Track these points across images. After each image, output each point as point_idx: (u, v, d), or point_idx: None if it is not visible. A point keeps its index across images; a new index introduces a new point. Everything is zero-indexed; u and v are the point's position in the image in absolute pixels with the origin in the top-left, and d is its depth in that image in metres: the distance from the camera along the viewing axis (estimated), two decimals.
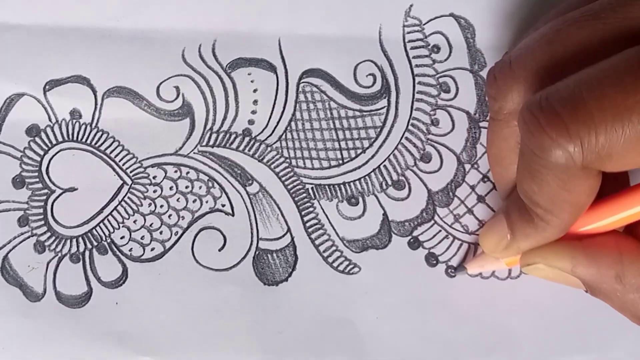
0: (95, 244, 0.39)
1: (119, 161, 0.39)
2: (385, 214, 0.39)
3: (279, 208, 0.39)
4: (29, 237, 0.38)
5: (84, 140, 0.39)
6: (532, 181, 0.30)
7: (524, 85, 0.32)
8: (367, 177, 0.39)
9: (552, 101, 0.28)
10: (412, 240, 0.39)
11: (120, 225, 0.39)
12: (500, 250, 0.35)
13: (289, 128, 0.40)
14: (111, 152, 0.39)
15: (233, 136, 0.39)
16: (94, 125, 0.39)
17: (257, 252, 0.39)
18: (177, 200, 0.39)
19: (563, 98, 0.28)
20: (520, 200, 0.33)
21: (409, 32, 0.40)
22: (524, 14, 0.40)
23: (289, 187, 0.39)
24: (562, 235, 0.33)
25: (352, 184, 0.39)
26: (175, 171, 0.39)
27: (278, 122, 0.40)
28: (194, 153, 0.39)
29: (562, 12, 0.33)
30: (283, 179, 0.39)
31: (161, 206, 0.39)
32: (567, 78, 0.29)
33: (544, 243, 0.34)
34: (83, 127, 0.39)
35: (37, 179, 0.39)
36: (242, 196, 0.39)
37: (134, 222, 0.39)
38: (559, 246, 0.34)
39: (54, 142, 0.39)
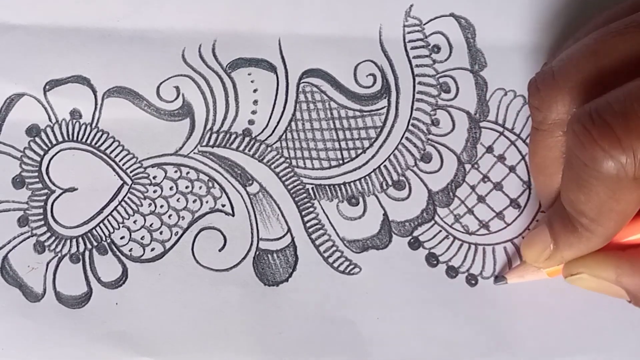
0: (95, 244, 0.39)
1: (119, 161, 0.39)
2: (385, 214, 0.39)
3: (279, 208, 0.39)
4: (28, 237, 0.38)
5: (84, 140, 0.39)
6: (580, 191, 0.31)
7: (569, 97, 0.32)
8: (367, 177, 0.39)
9: (603, 113, 0.29)
10: (412, 240, 0.39)
11: (120, 225, 0.39)
12: (543, 260, 0.35)
13: (289, 128, 0.40)
14: (111, 152, 0.39)
15: (233, 136, 0.39)
16: (94, 125, 0.39)
17: (257, 253, 0.39)
18: (177, 200, 0.39)
19: (614, 110, 0.29)
20: (563, 210, 0.33)
21: (409, 32, 0.40)
22: (524, 14, 0.40)
23: (289, 187, 0.39)
24: (605, 245, 0.33)
25: (352, 184, 0.39)
26: (176, 171, 0.39)
27: (278, 122, 0.39)
28: (194, 153, 0.39)
29: (604, 23, 0.33)
30: (283, 179, 0.39)
31: (161, 206, 0.39)
32: (615, 90, 0.29)
33: (588, 252, 0.34)
34: (83, 127, 0.39)
35: (37, 179, 0.39)
36: (242, 196, 0.39)
37: (134, 222, 0.39)
38: (603, 256, 0.34)
39: (54, 142, 0.39)
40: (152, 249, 0.39)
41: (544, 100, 0.33)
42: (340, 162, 0.39)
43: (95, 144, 0.39)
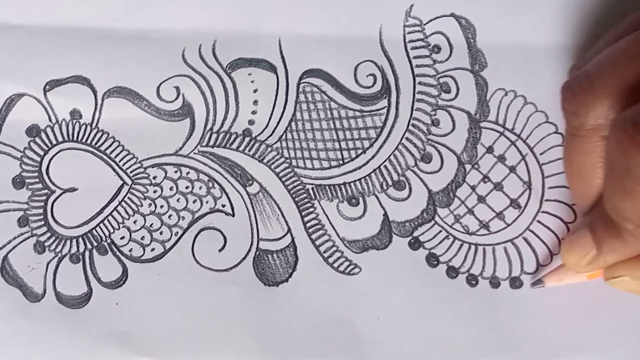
0: (95, 244, 0.39)
1: (119, 161, 0.39)
2: (385, 215, 0.39)
3: (279, 208, 0.39)
4: (28, 238, 0.38)
5: (84, 140, 0.39)
6: (625, 197, 0.31)
7: (608, 102, 0.32)
8: (367, 177, 0.39)
9: None
10: (412, 240, 0.39)
11: (121, 225, 0.39)
12: (585, 265, 0.35)
13: (289, 128, 0.39)
14: (111, 153, 0.39)
15: (233, 136, 0.39)
16: (94, 125, 0.39)
17: (257, 253, 0.39)
18: (177, 200, 0.39)
19: None
20: (606, 215, 0.33)
21: (409, 32, 0.40)
22: (524, 14, 0.40)
23: (289, 187, 0.39)
24: None
25: (352, 184, 0.39)
26: (176, 171, 0.39)
27: (278, 123, 0.39)
28: (194, 153, 0.39)
29: (636, 25, 0.33)
30: (283, 179, 0.39)
31: (161, 206, 0.39)
32: None
33: (631, 256, 0.34)
34: (83, 127, 0.39)
35: (37, 179, 0.39)
36: (242, 196, 0.39)
37: (134, 222, 0.39)
38: None
39: (54, 142, 0.39)
40: (152, 249, 0.39)
41: (581, 106, 0.33)
42: (341, 162, 0.39)
43: (95, 144, 0.39)
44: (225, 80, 0.39)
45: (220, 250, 0.39)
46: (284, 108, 0.39)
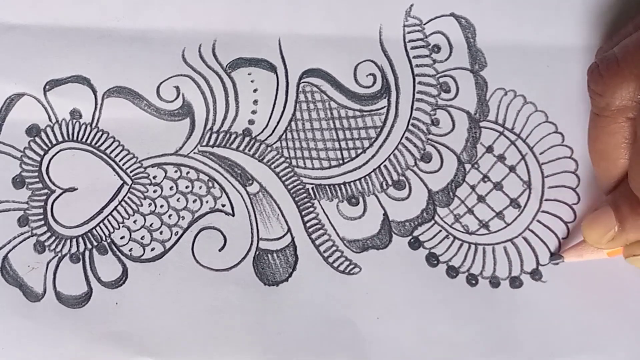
0: (95, 244, 0.39)
1: (119, 161, 0.39)
2: (385, 214, 0.39)
3: (279, 208, 0.39)
4: (28, 237, 0.38)
5: (84, 140, 0.39)
6: None
7: (634, 83, 0.33)
8: (367, 177, 0.39)
9: None
10: (412, 240, 0.39)
11: (120, 225, 0.39)
12: (606, 241, 0.36)
13: (289, 128, 0.40)
14: (111, 152, 0.39)
15: (233, 136, 0.39)
16: (94, 125, 0.39)
17: (257, 252, 0.39)
18: (177, 200, 0.39)
19: None
20: (630, 194, 0.34)
21: (409, 32, 0.40)
22: (524, 14, 0.40)
23: (289, 187, 0.39)
24: None
25: (352, 184, 0.39)
26: (176, 171, 0.39)
27: (278, 122, 0.39)
28: (194, 153, 0.39)
29: None
30: (283, 179, 0.39)
31: (161, 206, 0.39)
32: None
33: None
34: (83, 127, 0.39)
35: (37, 179, 0.39)
36: (242, 196, 0.39)
37: (134, 222, 0.39)
38: None
39: (54, 142, 0.39)
40: (152, 249, 0.39)
41: (607, 87, 0.34)
42: (340, 162, 0.39)
43: (95, 144, 0.39)
44: (225, 80, 0.40)
45: (220, 250, 0.39)
46: (284, 108, 0.39)
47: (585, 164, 0.39)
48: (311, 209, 0.39)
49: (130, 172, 0.39)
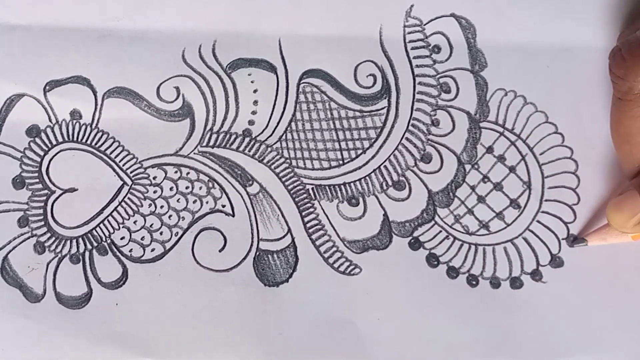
0: (95, 244, 0.39)
1: (119, 162, 0.39)
2: (385, 215, 0.39)
3: (280, 209, 0.39)
4: (28, 238, 0.38)
5: (84, 140, 0.39)
6: None
7: None
8: (367, 177, 0.39)
9: None
10: (412, 240, 0.39)
11: (121, 225, 0.39)
12: (632, 225, 0.36)
13: (289, 128, 0.39)
14: (111, 153, 0.39)
15: (233, 137, 0.39)
16: (94, 125, 0.39)
17: (257, 253, 0.39)
18: (178, 200, 0.39)
19: None
20: None
21: (409, 33, 0.40)
22: (524, 14, 0.40)
23: (290, 187, 0.39)
24: None
25: (352, 184, 0.39)
26: (176, 172, 0.39)
27: (278, 123, 0.39)
28: (194, 153, 0.39)
29: None
30: (283, 179, 0.39)
31: (161, 207, 0.39)
32: None
33: None
34: (83, 127, 0.39)
35: (37, 180, 0.39)
36: (242, 197, 0.39)
37: (134, 222, 0.39)
38: None
39: (54, 142, 0.39)
40: (152, 250, 0.39)
41: (630, 70, 0.34)
42: (341, 162, 0.39)
43: (95, 144, 0.39)
44: (225, 80, 0.39)
45: (220, 251, 0.39)
46: (284, 108, 0.39)
47: (585, 164, 0.39)
48: (311, 210, 0.39)
49: (131, 172, 0.39)
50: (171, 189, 0.39)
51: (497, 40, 0.40)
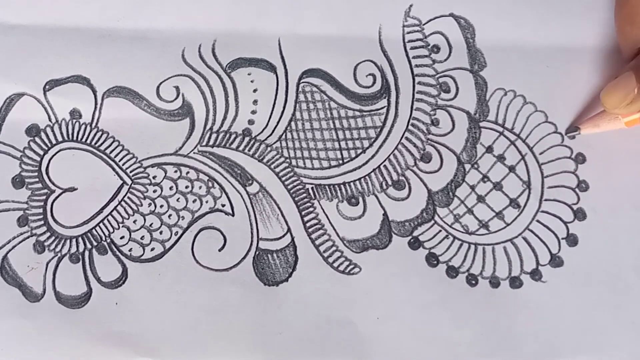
0: (95, 244, 0.39)
1: (119, 161, 0.39)
2: (385, 214, 0.39)
3: (279, 208, 0.39)
4: (28, 237, 0.38)
5: (83, 140, 0.39)
6: None
7: None
8: (367, 177, 0.39)
9: None
10: (412, 240, 0.39)
11: (120, 225, 0.39)
12: (625, 105, 0.36)
13: (289, 128, 0.40)
14: (111, 152, 0.39)
15: (233, 136, 0.39)
16: (94, 125, 0.39)
17: (257, 252, 0.39)
18: (177, 200, 0.39)
19: None
20: None
21: (408, 32, 0.40)
22: (524, 14, 0.40)
23: (289, 187, 0.39)
24: None
25: (352, 184, 0.39)
26: (175, 171, 0.39)
27: (278, 122, 0.39)
28: (194, 153, 0.39)
29: None
30: (283, 179, 0.39)
31: (161, 206, 0.39)
32: None
33: None
34: (83, 127, 0.39)
35: (37, 179, 0.39)
36: (242, 196, 0.39)
37: (134, 222, 0.39)
38: None
39: (54, 142, 0.39)
40: (152, 249, 0.39)
41: None
42: (340, 162, 0.39)
43: (95, 143, 0.39)
44: (225, 80, 0.40)
45: (220, 250, 0.39)
46: (284, 108, 0.40)
47: (585, 164, 0.39)
48: (311, 209, 0.39)
49: (130, 172, 0.39)
50: (171, 188, 0.39)
51: (496, 40, 0.40)
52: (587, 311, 0.38)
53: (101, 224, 0.39)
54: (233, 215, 0.39)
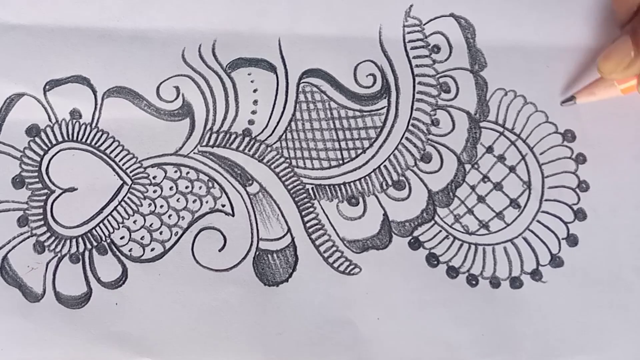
0: (95, 244, 0.39)
1: (119, 161, 0.39)
2: (385, 214, 0.39)
3: (279, 208, 0.39)
4: (28, 237, 0.38)
5: (84, 140, 0.39)
6: None
7: None
8: (367, 177, 0.39)
9: None
10: (412, 240, 0.39)
11: (120, 225, 0.39)
12: (621, 70, 0.36)
13: (289, 128, 0.39)
14: (111, 152, 0.39)
15: (233, 136, 0.39)
16: (94, 125, 0.39)
17: (257, 253, 0.39)
18: (177, 200, 0.39)
19: None
20: None
21: (409, 32, 0.40)
22: (524, 14, 0.40)
23: (289, 187, 0.39)
24: None
25: (352, 184, 0.39)
26: (175, 171, 0.39)
27: (278, 122, 0.39)
28: (194, 153, 0.39)
29: None
30: (283, 179, 0.39)
31: (161, 206, 0.39)
32: None
33: None
34: (83, 127, 0.39)
35: (37, 179, 0.39)
36: (242, 196, 0.39)
37: (134, 222, 0.39)
38: None
39: (54, 142, 0.39)
40: (152, 249, 0.39)
41: None
42: (340, 162, 0.39)
43: (95, 144, 0.39)
44: (225, 80, 0.40)
45: (220, 250, 0.39)
46: (284, 108, 0.39)
47: (585, 164, 0.39)
48: (311, 209, 0.39)
49: (130, 172, 0.39)
50: (171, 188, 0.39)
51: (496, 40, 0.40)
52: (587, 311, 0.38)
53: (101, 224, 0.39)
54: (233, 215, 0.39)
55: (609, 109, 0.39)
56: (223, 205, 0.39)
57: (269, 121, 0.39)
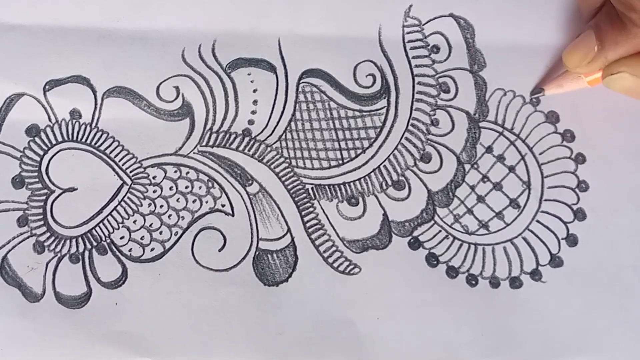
0: (94, 244, 0.39)
1: (119, 161, 0.39)
2: (385, 214, 0.39)
3: (279, 208, 0.39)
4: (28, 237, 0.38)
5: (83, 140, 0.39)
6: None
7: None
8: (367, 177, 0.39)
9: None
10: (412, 240, 0.39)
11: (120, 225, 0.39)
12: (586, 63, 0.36)
13: (288, 128, 0.40)
14: (111, 152, 0.39)
15: (233, 136, 0.39)
16: (93, 125, 0.39)
17: (257, 253, 0.39)
18: (177, 200, 0.39)
19: None
20: (612, 11, 0.35)
21: (408, 33, 0.40)
22: (524, 14, 0.40)
23: (289, 187, 0.39)
24: None
25: (352, 184, 0.39)
26: (175, 171, 0.39)
27: (278, 122, 0.40)
28: (194, 153, 0.39)
29: None
30: (283, 179, 0.39)
31: (161, 206, 0.39)
32: None
33: (632, 52, 0.35)
34: (83, 127, 0.39)
35: (37, 179, 0.39)
36: (242, 196, 0.39)
37: (134, 222, 0.39)
38: None
39: (54, 142, 0.39)
40: (152, 249, 0.39)
41: None
42: (340, 162, 0.39)
43: (95, 144, 0.39)
44: (225, 80, 0.40)
45: (220, 250, 0.39)
46: (284, 108, 0.40)
47: (585, 164, 0.39)
48: (311, 209, 0.39)
49: (130, 172, 0.39)
50: (171, 188, 0.39)
51: (496, 40, 0.40)
52: (587, 311, 0.38)
53: (101, 224, 0.39)
54: (233, 215, 0.39)
55: (609, 109, 0.39)
56: (223, 205, 0.39)
57: (268, 121, 0.39)
